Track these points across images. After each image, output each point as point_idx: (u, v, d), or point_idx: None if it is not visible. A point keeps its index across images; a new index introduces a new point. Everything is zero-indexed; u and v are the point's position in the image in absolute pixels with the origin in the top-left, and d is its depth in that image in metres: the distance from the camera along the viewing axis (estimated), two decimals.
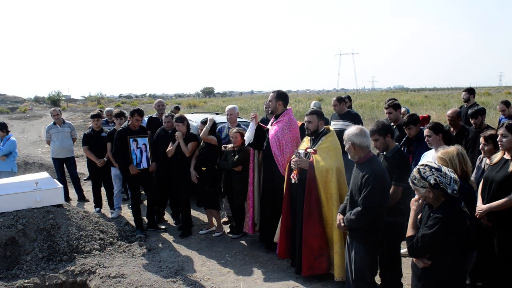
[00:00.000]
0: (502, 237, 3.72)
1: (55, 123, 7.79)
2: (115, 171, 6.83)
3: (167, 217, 6.94)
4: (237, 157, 5.59)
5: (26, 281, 4.47)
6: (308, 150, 4.56)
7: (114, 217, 6.83)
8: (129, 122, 6.10)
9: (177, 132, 5.90)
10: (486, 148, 4.07)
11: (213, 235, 6.02)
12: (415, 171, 2.79)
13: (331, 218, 4.32)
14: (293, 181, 4.58)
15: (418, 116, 5.21)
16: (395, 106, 5.68)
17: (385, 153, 3.99)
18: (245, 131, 5.90)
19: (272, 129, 5.15)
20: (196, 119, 7.87)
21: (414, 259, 2.89)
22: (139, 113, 6.00)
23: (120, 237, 5.79)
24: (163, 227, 6.37)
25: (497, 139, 3.80)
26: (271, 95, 5.23)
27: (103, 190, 7.32)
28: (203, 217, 6.81)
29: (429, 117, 6.07)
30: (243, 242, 5.78)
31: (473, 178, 4.09)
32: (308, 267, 4.46)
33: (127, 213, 7.08)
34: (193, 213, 6.64)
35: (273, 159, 5.04)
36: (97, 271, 4.71)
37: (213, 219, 6.18)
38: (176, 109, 12.38)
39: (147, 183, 6.24)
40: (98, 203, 7.23)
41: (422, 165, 2.79)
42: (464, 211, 2.78)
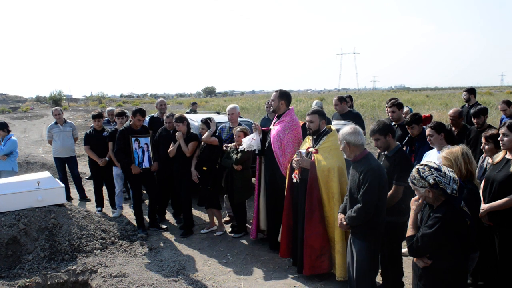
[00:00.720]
0: (503, 236, 3.72)
1: (56, 123, 7.80)
2: (116, 171, 6.84)
3: (169, 216, 6.94)
4: (240, 155, 5.59)
5: (27, 280, 4.48)
6: (309, 149, 4.56)
7: (115, 217, 6.84)
8: (130, 121, 6.11)
9: (178, 132, 5.91)
10: (487, 147, 4.06)
11: (215, 235, 6.02)
12: (414, 171, 2.79)
13: (333, 217, 4.32)
14: (294, 180, 4.58)
15: (421, 115, 5.20)
16: (398, 105, 5.69)
17: (386, 152, 3.99)
18: (248, 130, 5.88)
19: (274, 129, 5.15)
20: (197, 119, 7.88)
21: (414, 259, 2.89)
22: (141, 113, 6.00)
23: (121, 236, 5.80)
24: (164, 226, 6.38)
25: (498, 139, 3.80)
26: (273, 94, 5.22)
27: (104, 189, 7.34)
28: (205, 217, 6.82)
29: (431, 117, 6.05)
30: (245, 241, 5.78)
31: None
32: (309, 266, 4.46)
33: (128, 212, 7.09)
34: (195, 212, 6.64)
35: (275, 159, 5.04)
36: (99, 270, 4.72)
37: (215, 219, 6.19)
38: (193, 105, 12.36)
39: (149, 183, 6.24)
40: (99, 203, 7.25)
41: (421, 165, 2.78)
42: (464, 211, 2.78)
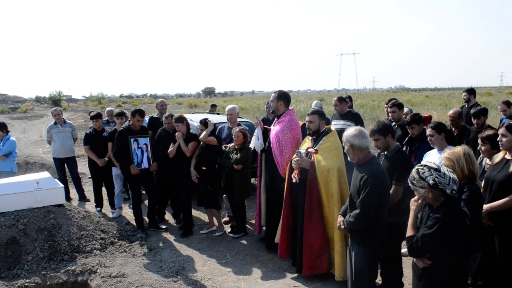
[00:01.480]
0: (503, 237, 3.72)
1: (56, 123, 7.80)
2: (116, 171, 6.84)
3: (168, 216, 6.94)
4: (239, 155, 5.60)
5: (27, 280, 4.48)
6: (309, 149, 4.56)
7: (115, 217, 6.84)
8: (130, 122, 6.10)
9: (177, 132, 5.90)
10: (483, 148, 4.05)
11: (214, 235, 6.02)
12: (414, 171, 2.78)
13: (332, 218, 4.32)
14: (294, 180, 4.58)
15: (421, 115, 5.19)
16: (399, 105, 5.69)
17: (386, 153, 3.98)
18: (247, 130, 5.90)
19: (273, 129, 5.15)
20: (196, 119, 7.87)
21: (414, 259, 2.89)
22: (140, 113, 6.00)
23: (121, 236, 5.79)
24: (164, 226, 6.38)
25: (497, 139, 3.79)
26: (272, 95, 5.22)
27: (104, 189, 7.33)
28: (204, 217, 6.81)
29: (430, 117, 6.05)
30: (244, 241, 5.78)
31: None
32: (309, 266, 4.46)
33: (128, 212, 7.08)
34: (194, 212, 6.64)
35: (274, 159, 5.04)
36: (98, 270, 4.71)
37: (214, 219, 6.18)
38: (213, 107, 12.35)
39: (148, 183, 6.24)
40: (99, 203, 7.25)
41: (421, 166, 2.78)
42: (463, 211, 2.77)
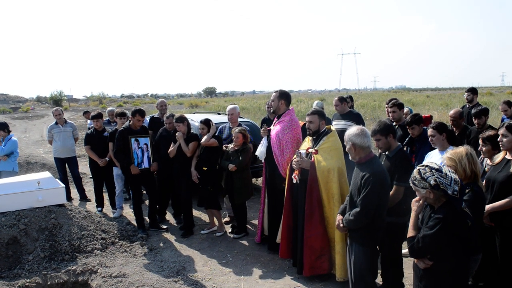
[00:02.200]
0: (504, 237, 3.71)
1: (57, 123, 7.80)
2: (117, 171, 6.84)
3: (169, 217, 6.94)
4: (241, 158, 5.59)
5: (28, 280, 4.48)
6: (309, 150, 4.55)
7: (115, 217, 6.84)
8: (130, 122, 6.10)
9: (178, 132, 5.90)
10: (484, 148, 4.05)
11: (215, 235, 6.02)
12: (415, 171, 2.78)
13: (333, 218, 4.31)
14: (294, 181, 4.57)
15: (421, 116, 5.19)
16: (399, 105, 5.69)
17: (387, 153, 3.98)
18: (248, 131, 5.89)
19: (273, 129, 5.15)
20: (197, 119, 7.88)
21: (415, 260, 2.88)
22: (140, 113, 5.99)
23: (121, 236, 5.79)
24: (164, 226, 6.38)
25: (498, 139, 3.78)
26: (273, 94, 5.22)
27: (104, 189, 7.33)
28: (205, 217, 6.81)
29: (431, 117, 6.05)
30: (245, 242, 5.78)
31: None
32: (309, 267, 4.46)
33: (128, 212, 7.08)
34: (195, 213, 6.63)
35: (274, 159, 5.04)
36: (99, 270, 4.71)
37: (214, 219, 6.18)
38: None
39: (149, 183, 6.24)
40: (100, 203, 7.25)
41: (422, 166, 2.77)
42: (465, 212, 2.77)
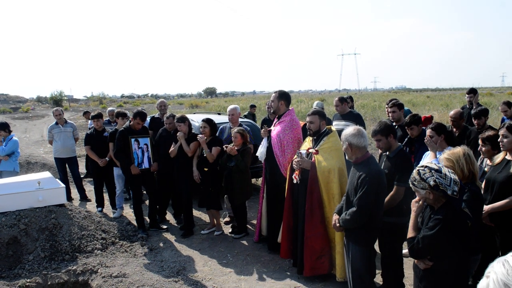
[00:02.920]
0: (504, 238, 3.71)
1: (57, 123, 7.80)
2: (117, 171, 6.84)
3: (169, 217, 6.94)
4: (243, 159, 5.60)
5: (28, 280, 4.48)
6: (310, 150, 4.56)
7: (116, 217, 6.84)
8: (130, 122, 6.11)
9: (179, 132, 5.91)
10: (484, 149, 4.05)
11: (214, 234, 6.02)
12: (415, 172, 2.78)
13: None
14: (295, 181, 4.58)
15: (420, 116, 5.20)
16: (399, 105, 5.69)
17: (387, 153, 3.99)
18: (248, 131, 5.90)
19: (274, 129, 5.15)
20: (198, 119, 7.88)
21: (415, 260, 2.88)
22: (141, 117, 5.98)
23: (122, 236, 5.80)
24: (164, 227, 6.38)
25: (498, 140, 3.78)
26: (273, 95, 5.23)
27: (105, 190, 7.33)
28: (205, 217, 6.82)
29: (432, 117, 6.04)
30: (245, 242, 5.78)
31: None
32: (310, 267, 4.46)
33: (129, 212, 7.08)
34: (195, 213, 6.64)
35: (275, 159, 5.04)
36: (99, 270, 4.72)
37: (214, 219, 6.18)
38: (252, 108, 12.43)
39: (149, 183, 6.25)
40: (100, 203, 7.25)
41: (421, 167, 2.77)
42: (464, 212, 2.77)
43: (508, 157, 3.73)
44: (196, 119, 7.97)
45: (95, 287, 4.49)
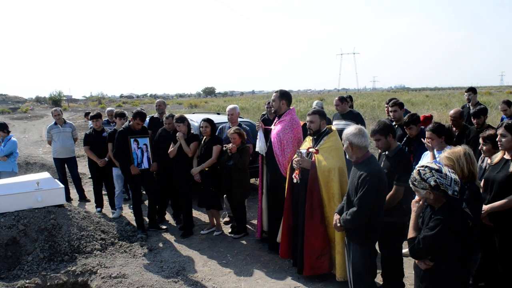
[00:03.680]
0: (503, 237, 3.70)
1: (56, 123, 7.79)
2: (116, 171, 6.83)
3: (168, 217, 6.93)
4: (242, 158, 5.60)
5: (27, 281, 4.47)
6: (310, 149, 4.55)
7: (115, 217, 6.83)
8: (129, 122, 6.10)
9: (178, 132, 5.90)
10: (484, 148, 4.05)
11: (213, 234, 6.02)
12: (415, 172, 2.77)
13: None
14: (295, 180, 4.57)
15: (418, 116, 5.20)
16: (400, 104, 5.69)
17: (387, 152, 3.98)
18: (248, 130, 5.90)
19: (274, 129, 5.15)
20: (197, 119, 7.87)
21: (416, 261, 2.88)
22: (141, 117, 5.98)
23: (121, 237, 5.79)
24: (164, 227, 6.37)
25: (497, 139, 3.78)
26: (274, 94, 5.22)
27: (104, 190, 7.32)
28: (204, 217, 6.81)
29: (431, 117, 6.04)
30: (245, 242, 5.77)
31: None
32: (310, 267, 4.46)
33: (128, 213, 7.08)
34: (194, 213, 6.63)
35: (275, 158, 5.04)
36: (98, 271, 4.71)
37: (214, 219, 6.17)
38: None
39: (148, 183, 6.23)
40: (99, 203, 7.24)
41: (422, 167, 2.76)
42: (465, 212, 2.77)
43: (506, 157, 3.72)
44: (195, 119, 7.96)
45: (94, 287, 4.48)
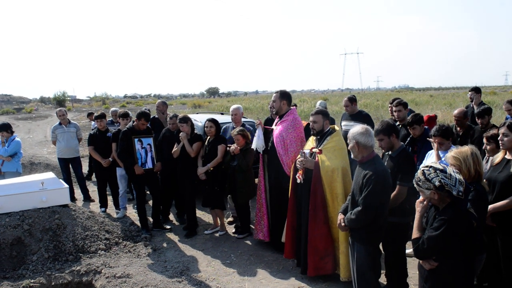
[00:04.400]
0: (505, 238, 3.68)
1: (60, 123, 7.82)
2: (121, 171, 6.85)
3: (172, 217, 6.95)
4: (245, 158, 5.60)
5: (32, 281, 4.49)
6: (313, 150, 4.55)
7: (119, 217, 6.85)
8: (133, 122, 6.11)
9: (181, 133, 5.91)
10: (488, 147, 4.03)
11: (216, 235, 6.03)
12: (419, 172, 2.76)
13: (337, 218, 4.30)
14: (298, 181, 4.56)
15: (422, 116, 5.18)
16: (404, 104, 5.68)
17: (390, 152, 3.97)
18: (247, 131, 5.90)
19: (276, 129, 5.15)
20: (201, 119, 7.88)
21: (420, 261, 2.87)
22: (145, 118, 6.00)
23: (125, 237, 5.80)
24: (168, 227, 6.38)
25: (498, 138, 3.75)
26: (274, 95, 5.23)
27: (108, 190, 7.34)
28: (208, 217, 6.81)
29: (435, 117, 6.02)
30: (248, 242, 5.78)
31: None
32: (313, 267, 4.45)
33: (132, 213, 7.10)
34: (198, 213, 6.64)
35: (278, 159, 5.04)
36: (103, 271, 4.72)
37: (218, 219, 6.18)
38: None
39: (152, 183, 6.25)
40: (103, 203, 7.26)
41: (426, 167, 2.75)
42: (470, 212, 2.76)
43: (507, 156, 3.69)
44: (199, 119, 7.98)
45: (99, 287, 4.49)
